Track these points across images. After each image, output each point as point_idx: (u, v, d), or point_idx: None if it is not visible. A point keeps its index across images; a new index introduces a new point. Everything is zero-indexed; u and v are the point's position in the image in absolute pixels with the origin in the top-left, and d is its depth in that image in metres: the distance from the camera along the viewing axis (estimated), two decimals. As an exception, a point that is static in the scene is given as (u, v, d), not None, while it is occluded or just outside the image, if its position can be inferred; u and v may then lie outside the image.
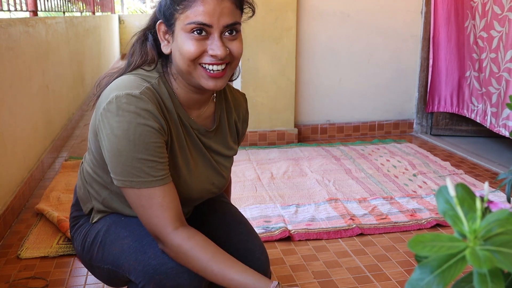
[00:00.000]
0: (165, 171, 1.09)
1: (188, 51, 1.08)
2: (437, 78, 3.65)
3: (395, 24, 3.69)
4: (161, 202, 1.08)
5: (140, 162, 1.06)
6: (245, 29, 1.24)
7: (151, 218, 1.09)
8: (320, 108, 3.71)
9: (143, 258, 1.12)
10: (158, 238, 1.11)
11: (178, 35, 1.09)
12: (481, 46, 3.17)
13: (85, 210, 1.30)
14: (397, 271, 1.86)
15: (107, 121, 1.06)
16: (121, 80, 1.12)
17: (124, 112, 1.04)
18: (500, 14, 2.94)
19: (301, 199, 2.50)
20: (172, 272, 1.09)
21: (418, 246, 0.42)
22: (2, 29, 2.29)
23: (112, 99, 1.05)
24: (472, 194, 0.48)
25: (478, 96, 3.31)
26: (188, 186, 1.21)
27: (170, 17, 1.10)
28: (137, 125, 1.04)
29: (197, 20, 1.06)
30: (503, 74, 2.96)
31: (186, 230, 1.10)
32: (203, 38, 1.08)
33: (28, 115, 2.68)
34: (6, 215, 2.15)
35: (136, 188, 1.08)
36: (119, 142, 1.05)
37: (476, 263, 0.40)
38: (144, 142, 1.05)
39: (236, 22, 1.11)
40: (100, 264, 1.23)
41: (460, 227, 0.45)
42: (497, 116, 3.07)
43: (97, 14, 6.70)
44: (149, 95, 1.08)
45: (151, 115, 1.06)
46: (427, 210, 2.37)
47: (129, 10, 13.29)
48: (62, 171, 2.89)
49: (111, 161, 1.08)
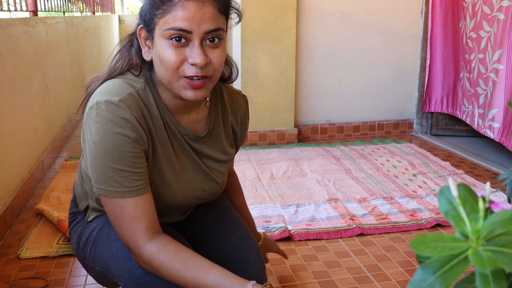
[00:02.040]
0: (140, 181, 1.06)
1: (167, 59, 1.03)
2: (434, 78, 3.66)
3: (395, 24, 3.69)
4: (133, 214, 1.06)
5: (114, 171, 1.04)
6: (245, 29, 1.22)
7: (123, 230, 1.07)
8: (320, 108, 3.71)
9: (128, 265, 1.11)
10: (131, 251, 1.09)
11: (157, 41, 1.05)
12: (471, 46, 3.17)
13: (81, 207, 1.30)
14: (397, 271, 1.86)
15: (88, 126, 1.05)
16: (105, 85, 1.09)
17: (102, 119, 1.02)
18: (489, 14, 2.93)
19: (301, 199, 2.50)
20: (157, 282, 1.08)
21: (421, 247, 0.42)
22: (2, 29, 2.28)
23: (93, 105, 1.04)
24: (474, 195, 0.48)
25: (468, 97, 3.32)
26: (173, 193, 1.18)
27: (149, 22, 1.06)
28: (112, 134, 1.02)
29: (176, 25, 1.00)
30: (490, 75, 2.95)
31: (157, 242, 1.07)
32: (183, 45, 1.02)
33: (28, 115, 2.68)
34: (6, 215, 2.15)
35: (110, 197, 1.06)
36: (95, 149, 1.04)
37: (479, 263, 0.40)
38: (119, 151, 1.03)
39: (218, 28, 1.04)
40: (92, 264, 1.23)
41: (463, 227, 0.45)
42: (483, 117, 3.06)
43: (97, 14, 6.69)
44: (130, 102, 1.05)
45: (128, 124, 1.03)
46: (427, 210, 2.37)
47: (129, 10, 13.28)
48: (62, 171, 2.89)
49: (90, 167, 1.08)
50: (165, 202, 1.18)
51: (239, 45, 3.34)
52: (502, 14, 2.80)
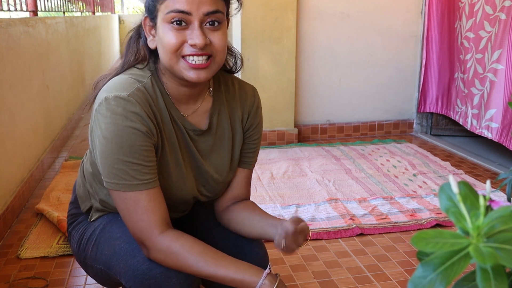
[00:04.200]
0: (151, 175, 1.08)
1: (168, 42, 1.06)
2: (430, 78, 3.66)
3: (395, 24, 3.69)
4: (147, 205, 1.07)
5: (126, 164, 1.05)
6: (245, 29, 1.23)
7: (137, 222, 1.08)
8: (320, 108, 3.71)
9: (132, 262, 1.11)
10: (143, 243, 1.09)
11: (160, 27, 1.08)
12: (466, 46, 3.17)
13: (83, 208, 1.29)
14: (397, 271, 1.86)
15: (97, 123, 1.06)
16: (113, 82, 1.11)
17: (112, 114, 1.04)
18: (491, 14, 2.93)
19: (301, 199, 2.50)
20: (161, 277, 1.08)
21: (422, 243, 0.42)
22: (2, 29, 2.28)
23: (102, 101, 1.06)
24: (474, 192, 0.48)
25: (462, 98, 3.32)
26: (180, 187, 1.19)
27: (152, 10, 1.09)
28: (124, 128, 1.04)
29: (175, 7, 1.04)
30: (487, 75, 2.95)
31: (173, 232, 1.09)
32: (183, 28, 1.06)
33: (28, 115, 2.68)
34: (6, 215, 2.15)
35: (122, 191, 1.07)
36: (106, 143, 1.05)
37: (480, 258, 0.40)
38: (130, 145, 1.04)
39: (217, 10, 1.06)
40: (93, 263, 1.23)
41: (463, 224, 0.45)
42: (478, 117, 3.06)
43: (97, 14, 6.70)
44: (138, 96, 1.07)
45: (138, 117, 1.05)
46: (427, 210, 2.37)
47: (129, 10, 13.29)
48: (62, 171, 2.89)
49: (100, 163, 1.08)
50: (170, 197, 1.18)
51: (239, 45, 3.34)
52: (503, 14, 2.81)
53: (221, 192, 1.31)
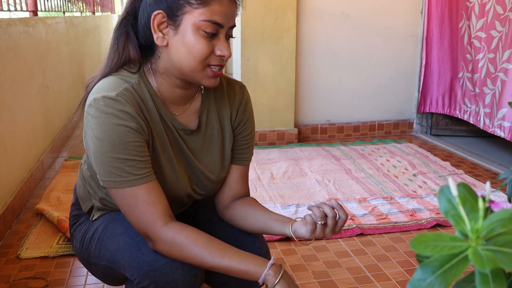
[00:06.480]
0: (147, 169, 1.09)
1: (200, 50, 1.07)
2: (430, 78, 3.65)
3: (395, 24, 3.69)
4: (147, 199, 1.08)
5: (121, 162, 1.06)
6: (245, 29, 1.26)
7: (139, 216, 1.09)
8: (320, 108, 3.71)
9: (137, 254, 1.12)
10: (148, 236, 1.10)
11: (187, 30, 1.07)
12: (477, 46, 3.17)
13: (85, 209, 1.30)
14: (397, 271, 1.86)
15: (88, 124, 1.08)
16: (101, 83, 1.11)
17: (102, 114, 1.05)
18: (502, 14, 2.93)
19: (301, 199, 2.50)
20: (166, 268, 1.10)
21: (421, 246, 0.42)
22: (2, 29, 2.28)
23: (91, 102, 1.07)
24: (474, 194, 0.48)
25: (471, 97, 3.31)
26: (173, 184, 1.20)
27: (177, 8, 1.07)
28: (114, 126, 1.05)
29: (213, 19, 1.06)
30: (499, 74, 2.95)
31: (177, 223, 1.11)
32: (212, 38, 1.09)
33: (28, 115, 2.68)
34: (6, 215, 2.15)
35: (120, 188, 1.08)
36: (99, 143, 1.06)
37: (478, 263, 0.40)
38: (123, 142, 1.05)
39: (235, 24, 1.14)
40: (97, 260, 1.23)
41: (462, 226, 0.45)
42: (491, 116, 3.06)
43: (97, 14, 6.69)
44: (126, 96, 1.08)
45: (128, 115, 1.06)
46: (427, 210, 2.37)
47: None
48: (62, 171, 2.89)
49: (95, 163, 1.09)
50: (168, 194, 1.18)
51: (239, 45, 3.34)
52: None
53: (215, 190, 1.32)
